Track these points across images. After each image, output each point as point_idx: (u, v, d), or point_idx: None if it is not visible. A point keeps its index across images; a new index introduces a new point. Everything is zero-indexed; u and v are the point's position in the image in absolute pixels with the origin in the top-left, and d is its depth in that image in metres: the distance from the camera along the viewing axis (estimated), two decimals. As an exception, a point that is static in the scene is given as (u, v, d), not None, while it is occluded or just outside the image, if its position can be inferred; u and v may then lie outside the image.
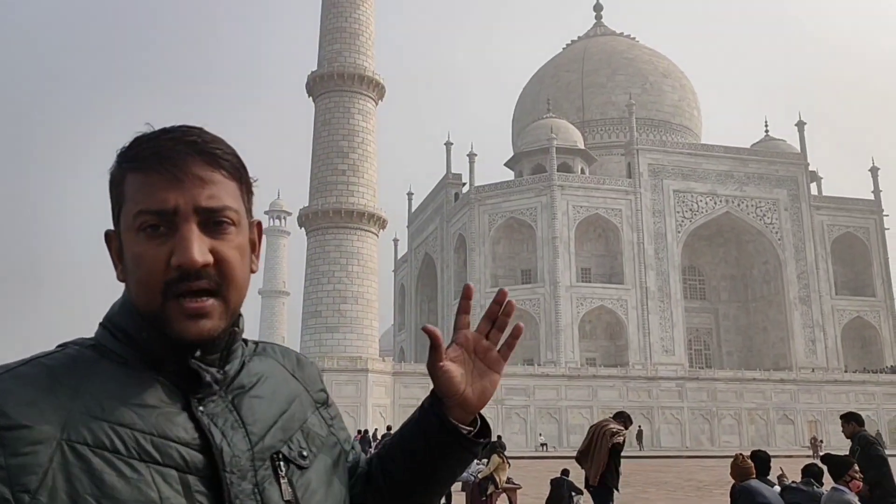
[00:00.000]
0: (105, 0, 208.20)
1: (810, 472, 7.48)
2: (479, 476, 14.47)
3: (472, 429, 1.14)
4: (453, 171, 67.86)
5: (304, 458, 1.05)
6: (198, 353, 1.02)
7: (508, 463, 14.63)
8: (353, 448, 1.20)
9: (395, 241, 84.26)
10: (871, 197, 66.20)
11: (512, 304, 1.12)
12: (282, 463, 1.02)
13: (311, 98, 46.22)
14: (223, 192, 1.02)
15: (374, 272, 44.82)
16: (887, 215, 65.56)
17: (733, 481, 7.17)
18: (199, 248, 0.98)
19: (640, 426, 47.90)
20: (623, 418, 9.45)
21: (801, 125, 65.92)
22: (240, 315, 1.08)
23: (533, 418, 46.89)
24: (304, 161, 46.95)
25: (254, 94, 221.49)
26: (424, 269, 72.77)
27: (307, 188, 45.70)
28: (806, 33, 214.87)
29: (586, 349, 57.98)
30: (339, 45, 45.30)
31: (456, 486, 16.56)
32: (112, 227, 1.06)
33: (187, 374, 1.01)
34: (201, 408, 1.00)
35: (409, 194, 79.22)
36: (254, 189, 1.11)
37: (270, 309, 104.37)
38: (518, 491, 14.51)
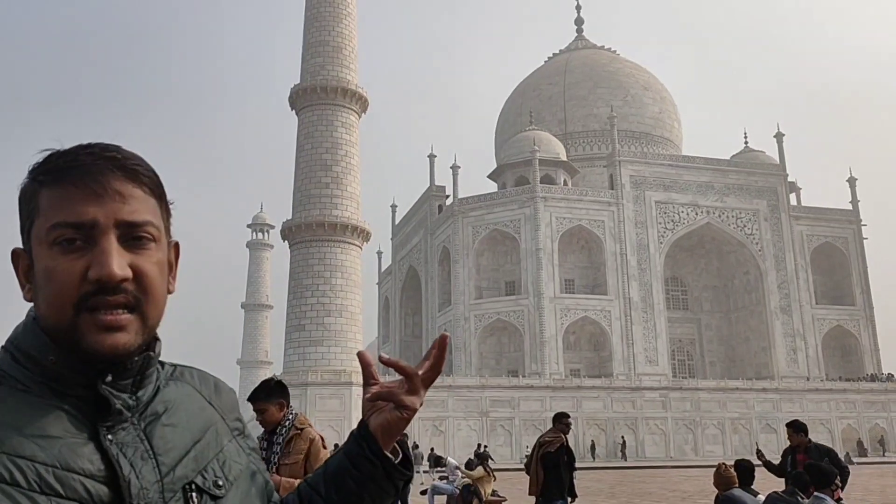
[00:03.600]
0: (82, 13, 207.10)
1: (798, 482, 7.49)
2: (460, 486, 14.42)
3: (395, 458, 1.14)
4: (437, 183, 67.96)
5: (219, 487, 1.02)
6: (109, 378, 0.97)
7: (493, 476, 14.60)
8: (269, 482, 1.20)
9: (379, 253, 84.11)
10: (850, 207, 67.10)
11: (366, 358, 1.15)
12: (194, 494, 0.98)
13: (294, 111, 46.21)
14: (144, 208, 1.00)
15: (358, 285, 44.69)
16: (865, 225, 66.50)
17: (717, 491, 7.21)
18: (119, 262, 0.96)
19: (622, 436, 47.96)
20: (561, 423, 9.39)
21: (779, 136, 66.76)
22: (157, 339, 1.04)
23: (518, 430, 46.82)
24: (287, 174, 46.92)
25: (236, 107, 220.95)
26: (408, 281, 72.66)
27: (290, 201, 45.60)
28: (784, 46, 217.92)
29: (570, 360, 58.08)
30: (322, 59, 45.36)
31: (441, 500, 16.51)
32: (20, 246, 1.02)
33: (96, 400, 0.96)
34: (110, 436, 0.95)
35: (393, 207, 79.22)
36: (172, 210, 1.08)
37: (253, 323, 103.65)
38: (503, 503, 14.47)
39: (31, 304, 1.02)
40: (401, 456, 1.15)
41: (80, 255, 0.95)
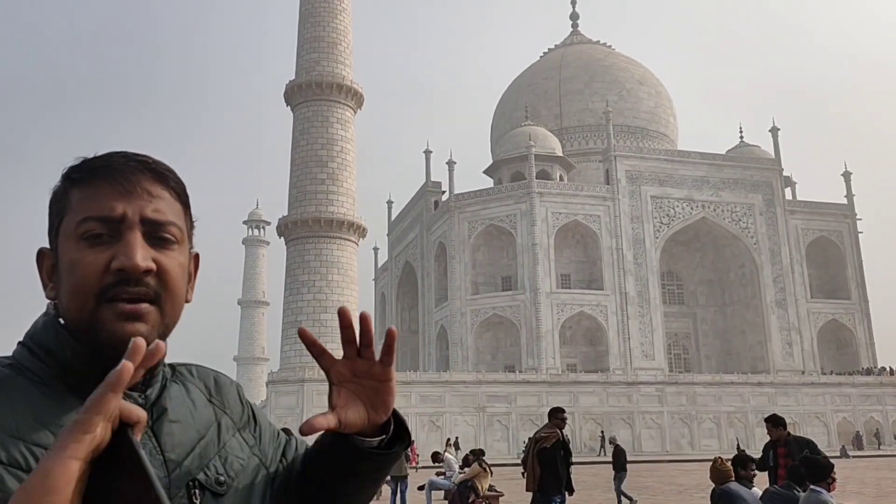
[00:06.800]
0: (77, 8, 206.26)
1: (794, 476, 7.50)
2: (457, 481, 14.44)
3: (384, 437, 1.11)
4: (433, 178, 67.93)
5: (220, 484, 1.04)
6: None
7: (490, 471, 14.62)
8: (287, 444, 1.20)
9: (376, 249, 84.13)
10: (845, 201, 67.28)
11: (348, 317, 1.09)
12: (197, 490, 1.00)
13: (289, 107, 46.10)
14: (169, 209, 1.03)
15: (354, 281, 44.68)
16: (860, 219, 66.71)
17: (713, 485, 7.24)
18: (143, 254, 0.98)
19: (601, 431, 47.45)
20: (557, 418, 9.40)
21: (774, 131, 66.90)
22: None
23: (515, 425, 46.88)
24: (283, 170, 46.88)
25: (231, 103, 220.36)
26: (405, 277, 72.66)
27: (286, 197, 45.53)
28: (779, 40, 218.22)
29: (567, 355, 58.16)
30: (317, 55, 45.25)
31: (438, 495, 16.54)
32: (45, 247, 1.05)
33: None
34: None
35: (389, 203, 79.19)
36: (195, 222, 1.10)
37: (250, 319, 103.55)
38: (500, 498, 14.50)
39: (48, 302, 1.04)
40: (392, 428, 1.12)
41: (106, 248, 0.98)
